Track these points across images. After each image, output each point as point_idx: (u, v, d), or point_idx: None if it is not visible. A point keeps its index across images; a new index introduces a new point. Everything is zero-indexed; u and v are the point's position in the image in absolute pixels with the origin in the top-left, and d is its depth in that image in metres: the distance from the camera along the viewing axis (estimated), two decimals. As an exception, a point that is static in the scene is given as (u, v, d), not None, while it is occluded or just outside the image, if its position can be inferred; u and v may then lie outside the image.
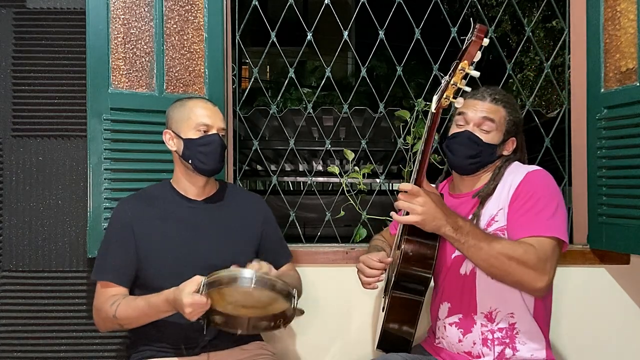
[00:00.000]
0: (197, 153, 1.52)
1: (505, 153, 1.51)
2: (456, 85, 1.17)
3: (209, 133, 1.53)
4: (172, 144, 1.56)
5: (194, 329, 1.46)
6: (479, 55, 1.17)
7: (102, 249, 1.55)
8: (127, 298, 1.46)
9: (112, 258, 1.51)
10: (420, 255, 1.39)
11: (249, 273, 1.25)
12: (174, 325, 1.48)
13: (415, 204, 1.26)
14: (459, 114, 1.50)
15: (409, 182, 1.31)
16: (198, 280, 1.27)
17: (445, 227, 1.27)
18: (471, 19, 1.21)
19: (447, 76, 1.19)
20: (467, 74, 1.19)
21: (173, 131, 1.56)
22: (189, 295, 1.25)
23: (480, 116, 1.46)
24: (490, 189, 1.47)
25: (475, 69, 1.20)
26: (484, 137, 1.46)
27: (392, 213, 1.33)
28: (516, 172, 1.46)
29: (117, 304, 1.43)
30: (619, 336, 1.93)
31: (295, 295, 1.29)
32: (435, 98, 1.22)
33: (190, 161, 1.53)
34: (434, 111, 1.22)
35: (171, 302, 1.32)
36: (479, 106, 1.46)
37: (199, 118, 1.53)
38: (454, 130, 1.50)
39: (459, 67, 1.16)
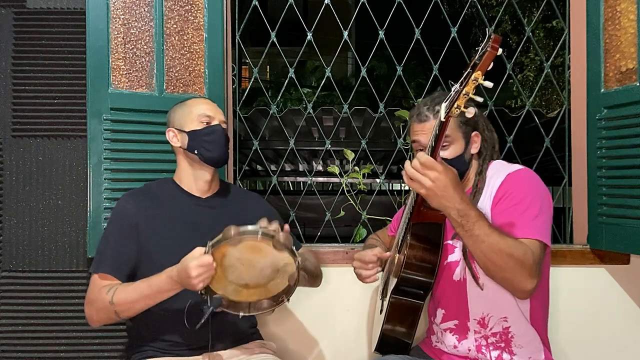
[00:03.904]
0: (202, 142, 1.54)
1: (474, 151, 1.49)
2: (468, 95, 1.13)
3: (212, 124, 1.56)
4: (176, 140, 1.58)
5: (194, 328, 1.46)
6: (491, 65, 1.12)
7: (102, 243, 1.53)
8: (124, 284, 1.44)
9: (112, 251, 1.49)
10: (423, 261, 1.38)
11: (253, 226, 1.26)
12: (174, 324, 1.48)
13: (424, 178, 1.19)
14: (413, 141, 1.47)
15: (410, 196, 1.28)
16: (200, 249, 1.28)
17: (452, 210, 1.22)
18: (487, 30, 1.18)
19: (459, 85, 1.14)
20: (479, 84, 1.14)
21: (176, 128, 1.58)
22: (195, 259, 1.25)
23: None
24: (476, 197, 1.44)
25: None
26: (447, 154, 1.41)
27: (406, 177, 1.25)
28: (498, 174, 1.44)
29: (114, 289, 1.41)
30: (619, 336, 1.93)
31: (298, 257, 1.29)
32: (444, 106, 1.18)
33: (196, 151, 1.54)
34: (444, 120, 1.18)
35: (175, 277, 1.31)
36: (426, 128, 1.42)
37: (201, 110, 1.57)
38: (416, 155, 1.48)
39: (472, 77, 1.11)
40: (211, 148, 1.54)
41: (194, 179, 1.59)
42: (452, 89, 1.15)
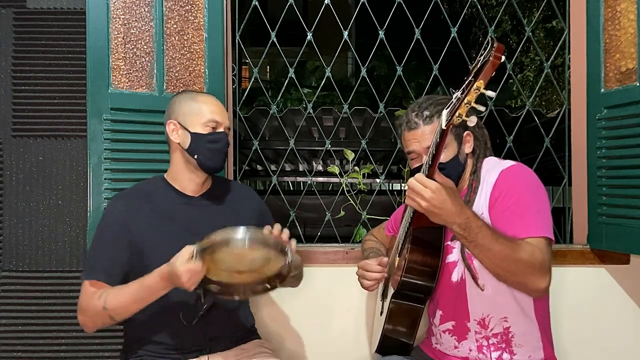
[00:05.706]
0: (204, 149, 1.49)
1: (467, 150, 1.48)
2: (470, 104, 1.11)
3: (218, 130, 1.51)
4: (177, 136, 1.52)
5: (191, 324, 1.47)
6: (493, 74, 1.10)
7: (93, 248, 1.50)
8: (115, 287, 1.41)
9: (104, 256, 1.46)
10: (424, 265, 1.39)
11: (241, 233, 1.25)
12: (167, 326, 1.48)
13: (418, 198, 1.21)
14: (409, 152, 1.47)
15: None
16: (189, 249, 1.26)
17: (453, 225, 1.23)
18: (490, 37, 1.15)
19: (460, 93, 1.12)
20: (481, 93, 1.11)
21: (180, 123, 1.52)
22: (183, 264, 1.24)
23: (425, 146, 1.41)
24: (472, 197, 1.44)
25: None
26: (442, 158, 1.40)
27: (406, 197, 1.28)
28: (491, 171, 1.44)
29: (105, 294, 1.38)
30: (619, 336, 1.93)
31: (289, 251, 1.28)
32: (445, 114, 1.16)
33: (195, 156, 1.50)
34: (445, 128, 1.17)
35: (166, 277, 1.30)
36: (418, 136, 1.43)
37: (211, 114, 1.51)
38: (412, 165, 1.48)
39: (474, 86, 1.08)
40: (212, 156, 1.50)
41: (187, 179, 1.55)
42: (454, 96, 1.14)
